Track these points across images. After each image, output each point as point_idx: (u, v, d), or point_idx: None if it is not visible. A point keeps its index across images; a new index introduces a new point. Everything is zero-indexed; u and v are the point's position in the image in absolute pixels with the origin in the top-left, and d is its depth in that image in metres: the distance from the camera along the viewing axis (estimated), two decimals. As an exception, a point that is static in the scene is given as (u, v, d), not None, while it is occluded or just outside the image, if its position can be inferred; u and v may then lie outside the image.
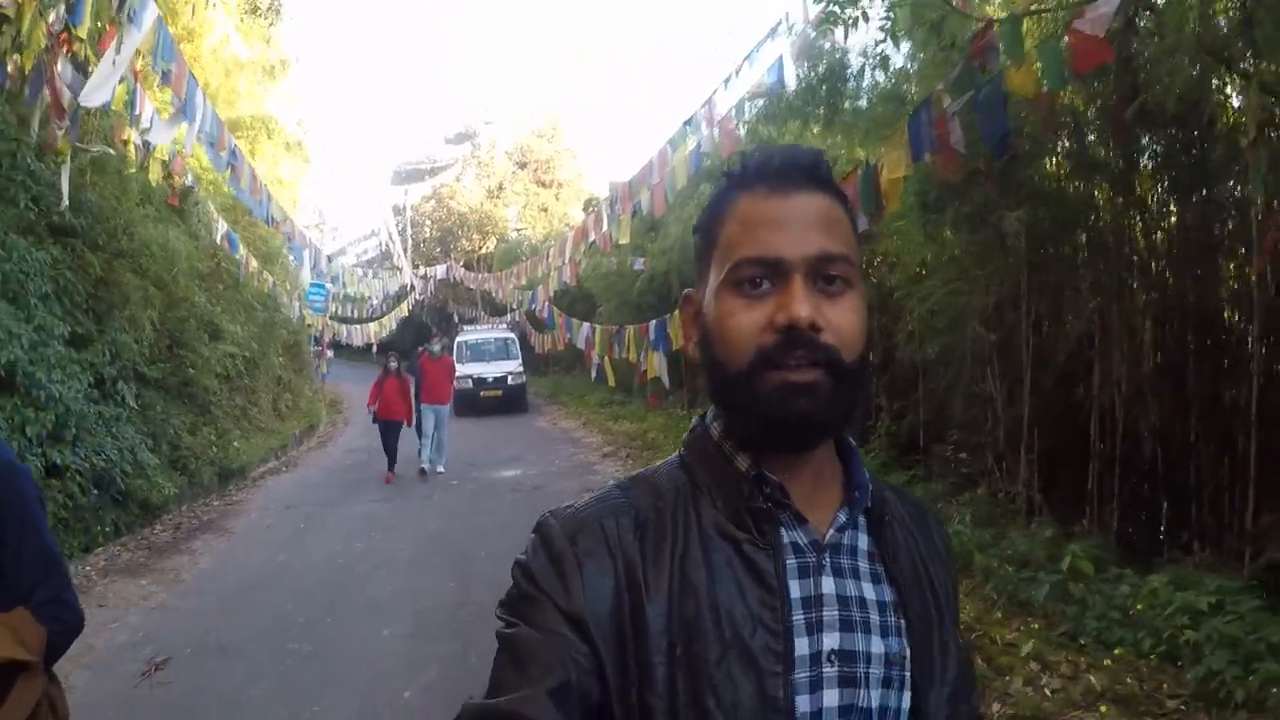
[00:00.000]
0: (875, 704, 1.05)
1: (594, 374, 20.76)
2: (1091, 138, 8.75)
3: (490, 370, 25.46)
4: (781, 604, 1.02)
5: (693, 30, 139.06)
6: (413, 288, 40.10)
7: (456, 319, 41.05)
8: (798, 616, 1.03)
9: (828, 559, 1.08)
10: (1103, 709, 4.65)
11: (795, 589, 1.04)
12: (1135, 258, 8.61)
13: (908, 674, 1.07)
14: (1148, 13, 7.16)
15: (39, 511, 2.34)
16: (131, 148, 11.75)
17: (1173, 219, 8.59)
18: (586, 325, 20.32)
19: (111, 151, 11.56)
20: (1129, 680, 5.03)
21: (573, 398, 26.18)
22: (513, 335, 28.22)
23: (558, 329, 23.16)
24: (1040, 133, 8.11)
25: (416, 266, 44.12)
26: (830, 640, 1.04)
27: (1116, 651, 5.31)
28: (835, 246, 1.04)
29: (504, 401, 24.98)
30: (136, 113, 10.53)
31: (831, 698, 1.02)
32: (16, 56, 10.39)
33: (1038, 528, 7.45)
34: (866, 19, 9.10)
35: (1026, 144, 8.15)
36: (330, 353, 30.77)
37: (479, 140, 51.37)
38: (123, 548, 9.37)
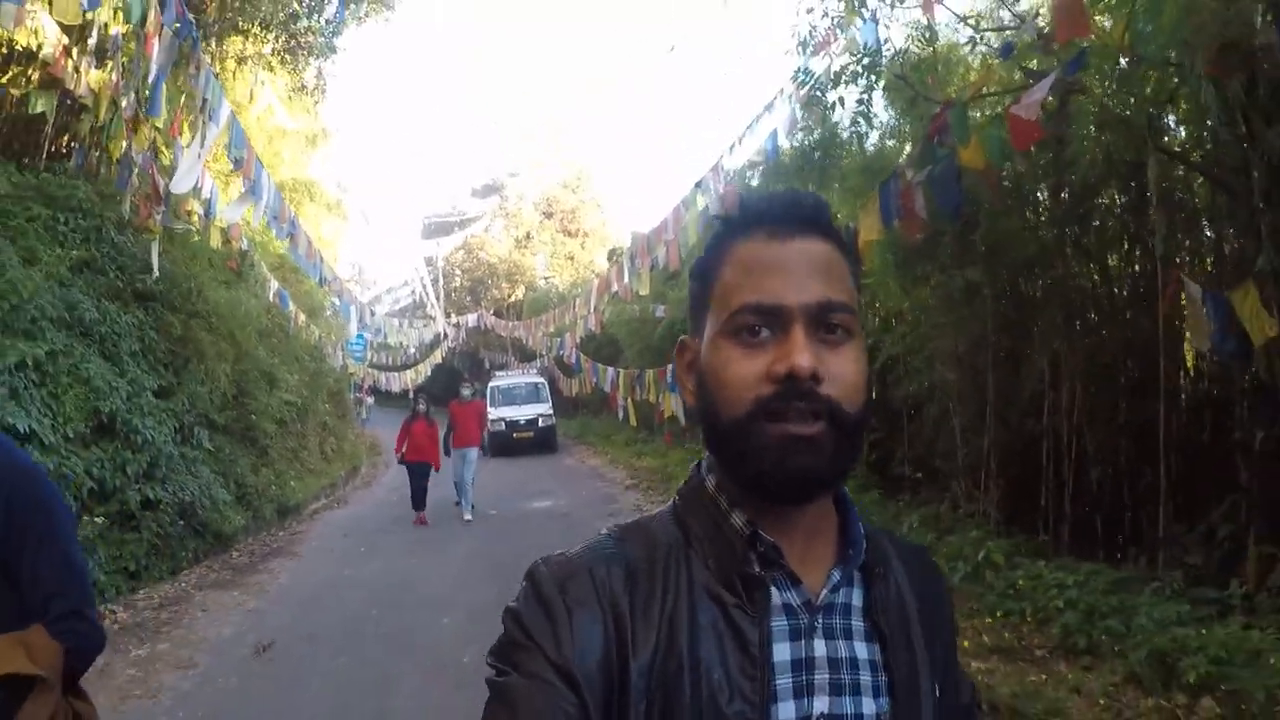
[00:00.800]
0: None
1: (620, 415, 22.01)
2: (1042, 200, 10.03)
3: (522, 413, 26.80)
4: (762, 674, 1.00)
5: (701, 56, 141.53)
6: (445, 335, 41.20)
7: (488, 365, 41.93)
8: (784, 680, 1.02)
9: (820, 621, 1.06)
10: (966, 642, 6.07)
11: (786, 652, 1.03)
12: (1082, 306, 9.84)
13: None
14: (1081, 95, 8.37)
15: (65, 519, 2.29)
16: (195, 218, 13.27)
17: (1106, 273, 9.83)
18: (611, 370, 21.62)
19: (193, 228, 13.05)
20: (1008, 636, 6.49)
21: (600, 438, 27.47)
22: (542, 380, 29.55)
23: (584, 374, 24.45)
24: (990, 200, 9.39)
25: (448, 315, 45.24)
26: (820, 704, 1.02)
27: (999, 614, 6.77)
28: (836, 295, 1.03)
29: (535, 442, 26.32)
30: (197, 185, 11.97)
31: None
32: (85, 135, 11.96)
33: (970, 530, 8.74)
34: (843, 104, 10.52)
35: (982, 209, 9.37)
36: (371, 399, 32.22)
37: (506, 192, 52.86)
38: (208, 569, 10.77)
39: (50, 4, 9.16)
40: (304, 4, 16.05)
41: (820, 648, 1.04)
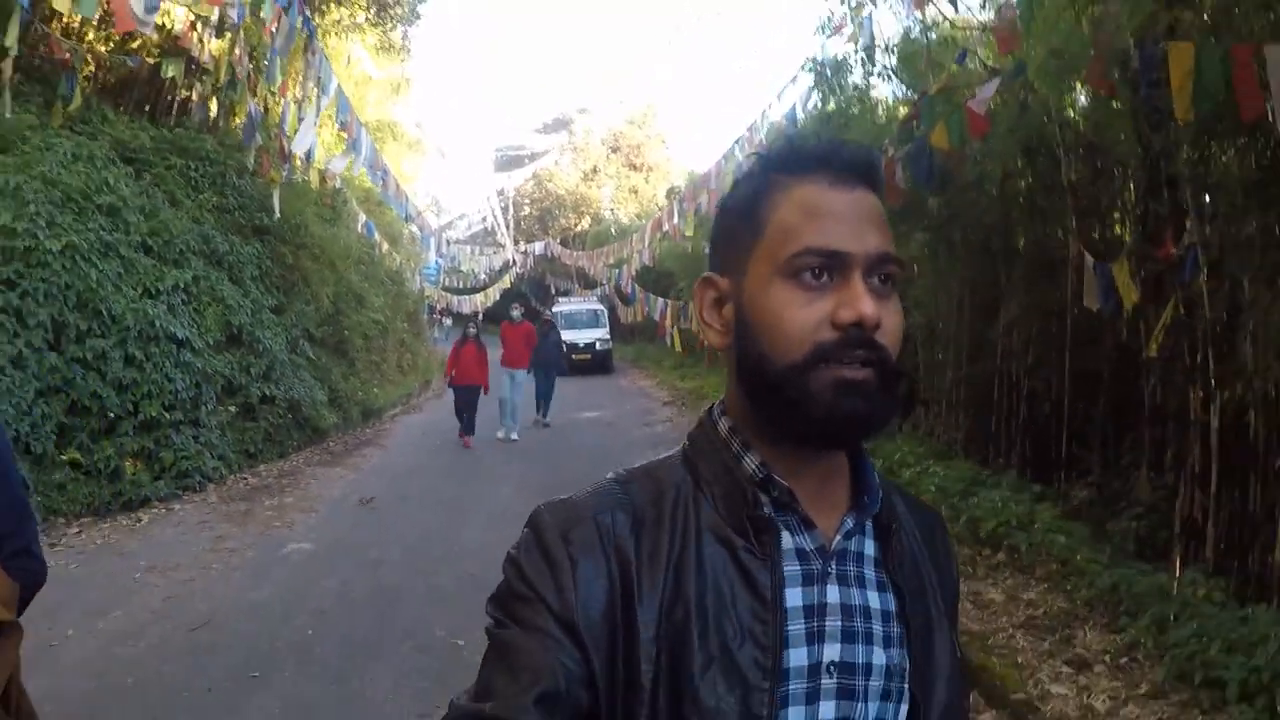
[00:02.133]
0: (872, 716, 1.03)
1: (668, 341, 24.15)
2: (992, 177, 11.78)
3: (582, 337, 29.03)
4: (774, 617, 0.99)
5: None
6: (514, 262, 43.42)
7: (553, 290, 44.04)
8: (796, 626, 1.01)
9: (833, 566, 1.05)
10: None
11: (798, 597, 1.02)
12: (1031, 266, 11.60)
13: (906, 686, 1.06)
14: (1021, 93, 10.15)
15: (10, 462, 2.32)
16: (298, 161, 15.59)
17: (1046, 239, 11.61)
18: (661, 300, 23.85)
19: (306, 178, 15.42)
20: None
21: (651, 362, 29.81)
22: (602, 307, 31.88)
23: (639, 303, 26.69)
24: (954, 174, 11.19)
25: (517, 242, 47.53)
26: (831, 651, 1.02)
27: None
28: (890, 248, 1.02)
29: (593, 364, 28.64)
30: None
31: (828, 710, 1.01)
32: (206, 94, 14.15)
33: (895, 438, 10.90)
34: (842, 90, 12.49)
35: (949, 182, 11.14)
36: (449, 320, 34.83)
37: (574, 127, 54.98)
38: (311, 453, 13.36)
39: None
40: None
41: (833, 594, 1.03)
